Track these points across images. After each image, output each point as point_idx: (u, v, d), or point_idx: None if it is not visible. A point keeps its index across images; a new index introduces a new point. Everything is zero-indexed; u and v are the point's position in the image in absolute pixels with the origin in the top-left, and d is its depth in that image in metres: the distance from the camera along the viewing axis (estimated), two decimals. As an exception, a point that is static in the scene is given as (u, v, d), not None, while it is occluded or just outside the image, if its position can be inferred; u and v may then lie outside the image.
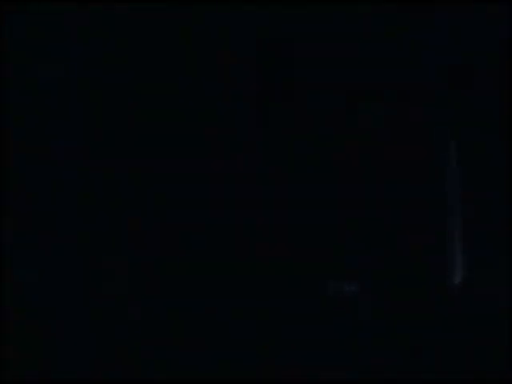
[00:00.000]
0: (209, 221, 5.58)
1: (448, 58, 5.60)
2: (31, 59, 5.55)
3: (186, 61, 5.66)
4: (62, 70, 5.57)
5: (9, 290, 5.42)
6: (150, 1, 5.62)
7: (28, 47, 5.55)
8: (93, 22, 5.61)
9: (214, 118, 5.64)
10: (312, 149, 5.64)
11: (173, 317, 5.50)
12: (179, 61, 5.65)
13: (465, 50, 5.59)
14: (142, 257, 5.55)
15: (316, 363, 5.42)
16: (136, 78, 5.63)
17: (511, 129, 5.51)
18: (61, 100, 5.57)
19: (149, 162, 5.61)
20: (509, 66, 5.53)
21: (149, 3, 5.62)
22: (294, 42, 5.66)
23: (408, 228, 5.56)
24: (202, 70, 5.65)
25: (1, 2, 5.50)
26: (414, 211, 5.56)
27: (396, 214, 5.57)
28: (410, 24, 5.61)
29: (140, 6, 5.62)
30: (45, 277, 5.45)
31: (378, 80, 5.63)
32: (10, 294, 5.42)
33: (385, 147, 5.61)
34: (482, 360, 5.32)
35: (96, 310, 5.48)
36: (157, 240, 5.56)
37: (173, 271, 5.54)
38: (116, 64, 5.63)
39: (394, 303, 5.50)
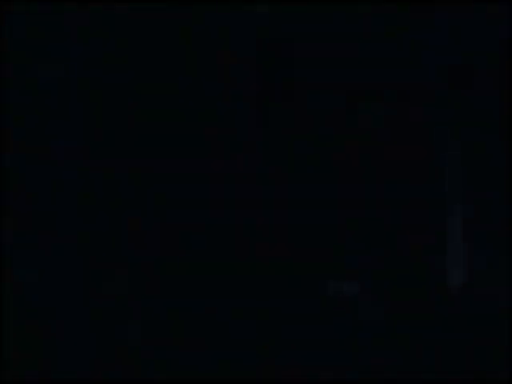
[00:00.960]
0: (209, 221, 5.58)
1: (448, 58, 5.60)
2: (31, 59, 5.55)
3: (185, 61, 5.66)
4: (62, 70, 5.57)
5: (9, 290, 5.42)
6: (150, 1, 5.62)
7: (28, 47, 5.55)
8: (93, 22, 5.62)
9: (214, 118, 5.64)
10: (312, 149, 5.64)
11: (172, 317, 5.50)
12: (179, 61, 5.65)
13: (465, 50, 5.59)
14: (142, 257, 5.55)
15: (316, 363, 5.42)
16: (136, 77, 5.63)
17: (511, 129, 5.51)
18: (61, 100, 5.57)
19: (149, 161, 5.61)
20: (509, 65, 5.53)
21: (149, 3, 5.62)
22: (293, 42, 5.66)
23: (408, 228, 5.56)
24: (201, 69, 5.65)
25: (1, 2, 5.51)
26: (414, 211, 5.56)
27: (396, 213, 5.57)
28: (410, 24, 5.61)
29: (140, 6, 5.62)
30: (45, 277, 5.46)
31: (378, 80, 5.63)
32: (10, 293, 5.42)
33: (385, 147, 5.61)
34: (481, 360, 5.32)
35: (96, 310, 5.48)
36: (157, 240, 5.56)
37: (173, 271, 5.54)
38: (116, 64, 5.63)
39: (393, 303, 5.50)
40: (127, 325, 5.48)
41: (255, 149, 5.63)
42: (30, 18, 5.55)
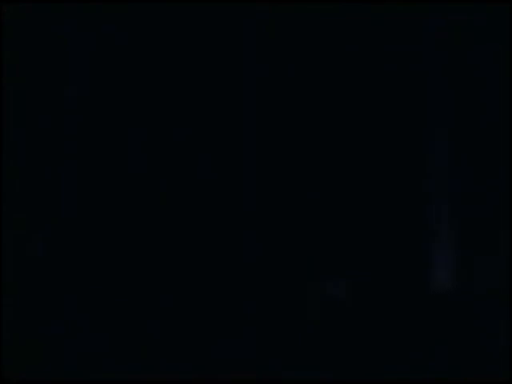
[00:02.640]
0: (198, 222, 5.59)
1: (448, 58, 5.61)
2: (31, 59, 5.57)
3: (185, 61, 5.67)
4: (62, 70, 5.59)
5: (9, 290, 5.43)
6: (150, 1, 5.63)
7: (28, 47, 5.57)
8: (93, 21, 5.63)
9: (215, 118, 5.65)
10: (308, 148, 5.65)
11: (169, 316, 5.51)
12: (179, 61, 5.66)
13: (465, 50, 5.60)
14: (142, 256, 5.56)
15: (302, 364, 5.42)
16: (136, 77, 5.65)
17: (511, 128, 5.52)
18: (60, 100, 5.58)
19: (148, 161, 5.62)
20: (509, 65, 5.53)
21: (149, 3, 5.63)
22: (293, 41, 5.67)
23: (404, 228, 5.56)
24: (201, 69, 5.66)
25: (1, 2, 5.52)
26: (412, 211, 5.57)
27: (393, 214, 5.58)
28: (410, 24, 5.62)
29: (140, 6, 5.63)
30: (45, 276, 5.47)
31: (379, 79, 5.64)
32: (10, 293, 5.43)
33: (382, 147, 5.62)
34: (481, 360, 5.33)
35: (96, 309, 5.49)
36: (155, 240, 5.57)
37: (169, 272, 5.56)
38: (116, 64, 5.64)
39: (392, 304, 5.51)
40: (127, 324, 5.49)
41: (254, 148, 5.64)
42: (30, 17, 5.57)
